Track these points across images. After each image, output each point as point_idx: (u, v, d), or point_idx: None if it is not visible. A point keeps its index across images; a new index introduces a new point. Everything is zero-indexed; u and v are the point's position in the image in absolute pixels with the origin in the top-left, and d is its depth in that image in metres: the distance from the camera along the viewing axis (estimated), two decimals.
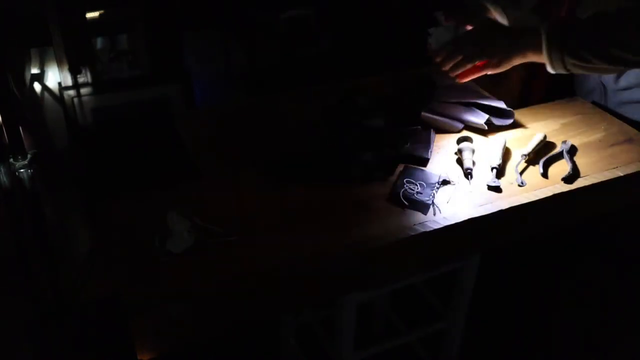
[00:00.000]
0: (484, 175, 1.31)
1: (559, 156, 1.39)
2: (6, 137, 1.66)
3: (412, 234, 1.16)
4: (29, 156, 1.70)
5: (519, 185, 1.29)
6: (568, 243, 1.76)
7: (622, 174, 1.33)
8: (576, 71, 1.30)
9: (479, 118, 1.46)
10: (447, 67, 1.38)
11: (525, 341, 2.01)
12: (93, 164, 2.27)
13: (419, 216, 1.20)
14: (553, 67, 1.30)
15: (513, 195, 1.26)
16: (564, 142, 1.42)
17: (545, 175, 1.33)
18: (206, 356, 1.93)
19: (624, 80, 1.49)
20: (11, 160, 1.68)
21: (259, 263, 1.08)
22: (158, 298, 1.00)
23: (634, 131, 1.49)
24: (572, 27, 1.27)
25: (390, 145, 1.36)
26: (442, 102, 1.51)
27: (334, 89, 1.53)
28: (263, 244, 1.12)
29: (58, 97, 2.19)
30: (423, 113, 1.48)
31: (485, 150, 1.38)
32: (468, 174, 1.30)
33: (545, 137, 1.43)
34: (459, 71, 1.37)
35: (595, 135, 1.48)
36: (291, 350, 1.79)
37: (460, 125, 1.47)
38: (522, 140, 1.45)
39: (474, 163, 1.33)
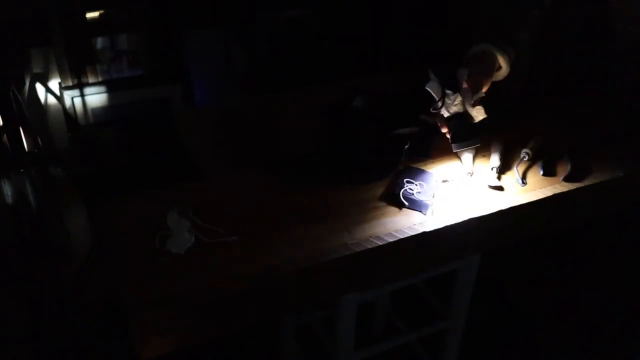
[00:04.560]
0: (484, 175, 1.31)
1: (559, 156, 1.39)
2: (6, 137, 1.66)
3: (412, 234, 1.16)
4: (29, 157, 1.70)
5: (520, 185, 1.29)
6: (568, 243, 1.77)
7: (622, 174, 1.33)
8: None
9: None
10: None
11: (524, 341, 2.01)
12: (93, 164, 2.27)
13: (419, 216, 1.20)
14: None
15: (513, 195, 1.26)
16: (564, 142, 1.42)
17: (545, 175, 1.33)
18: (206, 356, 1.93)
19: None
20: (11, 160, 1.68)
21: (259, 263, 1.08)
22: (158, 298, 1.01)
23: (634, 131, 1.49)
24: None
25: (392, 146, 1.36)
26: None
27: (334, 89, 1.53)
28: (263, 244, 1.12)
29: (58, 97, 2.19)
30: (422, 114, 1.48)
31: (485, 150, 1.38)
32: (468, 174, 1.30)
33: (545, 137, 1.43)
34: None
35: (595, 135, 1.48)
36: (291, 350, 1.78)
37: None
38: (522, 140, 1.45)
39: (474, 163, 1.33)
